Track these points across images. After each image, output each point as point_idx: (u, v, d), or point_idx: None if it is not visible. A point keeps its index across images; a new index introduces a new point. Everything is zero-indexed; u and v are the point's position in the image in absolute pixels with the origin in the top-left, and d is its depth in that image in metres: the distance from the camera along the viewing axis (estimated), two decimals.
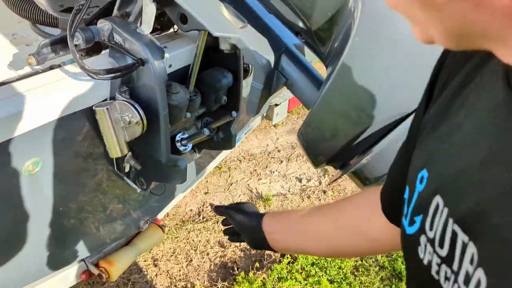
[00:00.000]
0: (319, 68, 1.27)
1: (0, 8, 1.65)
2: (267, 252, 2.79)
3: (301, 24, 1.01)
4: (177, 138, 1.42)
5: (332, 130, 0.99)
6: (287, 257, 2.66)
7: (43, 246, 1.39)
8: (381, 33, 0.82)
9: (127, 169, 1.45)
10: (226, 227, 1.21)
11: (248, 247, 2.87)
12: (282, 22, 1.10)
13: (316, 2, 0.89)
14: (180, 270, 2.60)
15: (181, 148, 1.43)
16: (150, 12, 1.15)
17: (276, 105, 2.86)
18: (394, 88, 0.88)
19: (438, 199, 0.49)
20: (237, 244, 2.82)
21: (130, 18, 1.24)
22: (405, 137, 0.68)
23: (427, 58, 0.83)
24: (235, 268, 2.63)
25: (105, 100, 1.22)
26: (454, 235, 0.46)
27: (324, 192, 3.32)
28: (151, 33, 1.22)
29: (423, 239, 0.52)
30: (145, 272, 2.55)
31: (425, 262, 0.51)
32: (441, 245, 0.48)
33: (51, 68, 1.24)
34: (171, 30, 1.47)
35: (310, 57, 1.24)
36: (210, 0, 1.10)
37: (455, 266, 0.46)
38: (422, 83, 0.83)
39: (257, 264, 2.62)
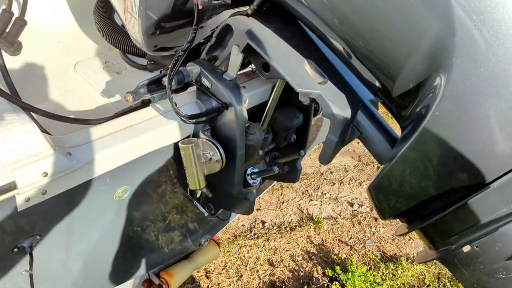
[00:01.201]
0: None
1: (95, 37, 1.83)
2: (315, 275, 2.84)
3: (379, 85, 1.07)
4: (248, 172, 1.52)
5: (405, 187, 1.03)
6: (335, 284, 2.69)
7: (119, 260, 1.53)
8: (460, 112, 0.87)
9: (198, 195, 1.57)
10: None
11: (297, 267, 2.94)
12: (359, 80, 1.17)
13: (399, 74, 0.95)
14: (230, 285, 2.70)
15: (251, 182, 1.53)
16: (237, 60, 1.25)
17: None
18: (468, 159, 0.92)
19: None
20: (286, 264, 2.89)
21: (217, 62, 1.34)
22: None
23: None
24: None
25: (188, 136, 1.34)
26: None
27: (376, 219, 3.31)
28: None
29: None
30: (198, 283, 2.67)
31: None
32: None
33: (143, 103, 1.37)
34: (249, 68, 1.56)
35: None
36: (294, 55, 1.18)
37: None
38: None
39: (305, 287, 2.67)
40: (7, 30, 1.62)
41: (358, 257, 2.99)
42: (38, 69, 1.65)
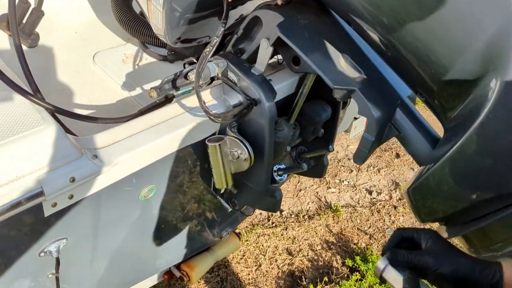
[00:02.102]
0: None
1: (113, 26, 1.77)
2: (335, 265, 2.81)
3: (421, 82, 1.00)
4: (275, 168, 1.47)
5: (449, 191, 0.96)
6: (356, 274, 2.66)
7: (144, 257, 1.50)
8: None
9: (222, 191, 1.52)
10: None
11: (316, 257, 2.91)
12: (398, 75, 1.10)
13: (448, 72, 0.88)
14: (249, 274, 2.69)
15: (277, 178, 1.48)
16: (266, 54, 1.18)
17: (355, 118, 2.83)
18: None
19: None
20: (305, 253, 2.86)
21: (243, 56, 1.28)
22: None
23: None
24: (303, 278, 2.67)
25: (214, 134, 1.28)
26: None
27: (395, 207, 3.26)
28: None
29: None
30: (217, 273, 2.66)
31: None
32: None
33: (166, 97, 1.32)
34: (274, 59, 1.49)
35: None
36: (328, 49, 1.11)
37: None
38: None
39: (325, 278, 2.65)
40: (24, 21, 1.56)
41: (378, 246, 2.95)
42: (57, 61, 1.60)
